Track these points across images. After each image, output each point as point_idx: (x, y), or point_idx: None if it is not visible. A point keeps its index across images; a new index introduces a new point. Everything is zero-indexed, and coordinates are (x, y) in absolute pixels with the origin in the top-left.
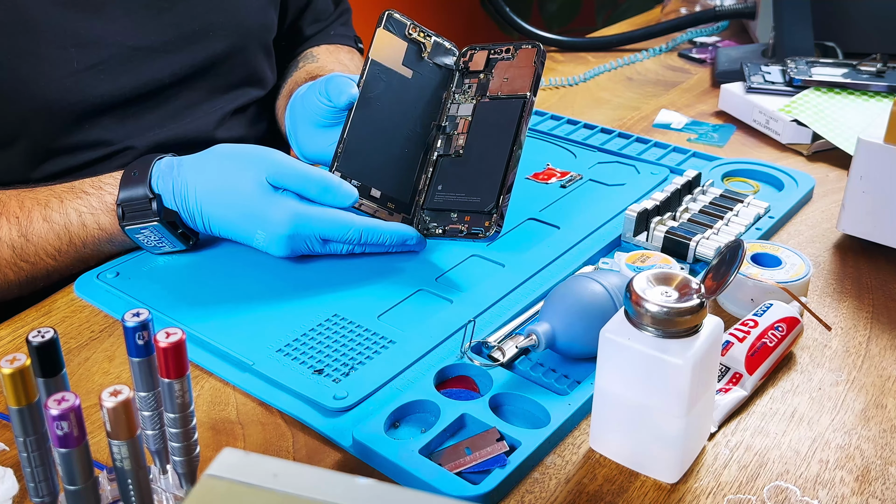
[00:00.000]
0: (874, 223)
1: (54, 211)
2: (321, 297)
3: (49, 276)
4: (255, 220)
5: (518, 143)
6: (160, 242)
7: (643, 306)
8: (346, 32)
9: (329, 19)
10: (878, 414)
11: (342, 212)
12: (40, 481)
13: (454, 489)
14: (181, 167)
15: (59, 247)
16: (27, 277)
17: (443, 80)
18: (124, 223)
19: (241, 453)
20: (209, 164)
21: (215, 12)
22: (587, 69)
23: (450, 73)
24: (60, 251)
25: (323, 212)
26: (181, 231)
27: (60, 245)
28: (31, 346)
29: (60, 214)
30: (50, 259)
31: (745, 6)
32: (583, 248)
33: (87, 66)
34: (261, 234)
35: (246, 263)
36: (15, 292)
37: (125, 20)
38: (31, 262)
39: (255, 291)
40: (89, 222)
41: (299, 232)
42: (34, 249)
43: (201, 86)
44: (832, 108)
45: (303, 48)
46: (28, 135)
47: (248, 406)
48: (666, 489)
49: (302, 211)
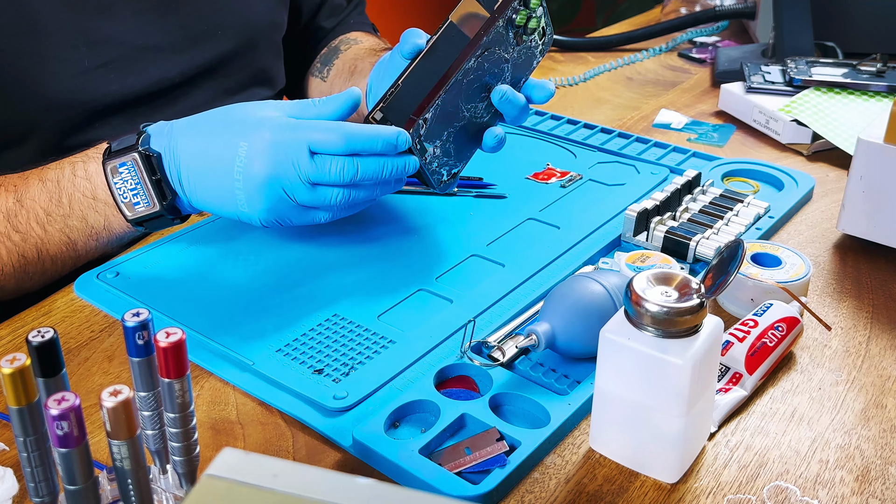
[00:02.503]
0: (874, 223)
1: (51, 169)
2: (321, 297)
3: (41, 259)
4: (239, 135)
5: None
6: (136, 192)
7: (643, 306)
8: (363, 20)
9: (345, 12)
10: (878, 414)
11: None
12: (40, 481)
13: (454, 489)
14: (178, 121)
15: (48, 208)
16: (19, 258)
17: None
18: (107, 159)
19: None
20: (206, 115)
21: (224, 12)
22: (587, 69)
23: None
24: (49, 214)
25: (309, 120)
26: (157, 178)
27: (49, 206)
28: (31, 346)
29: (55, 171)
30: (39, 227)
31: (745, 6)
32: (583, 248)
33: (97, 65)
34: (243, 147)
35: (246, 263)
36: (10, 284)
37: (134, 20)
38: (21, 233)
39: (255, 292)
40: (79, 171)
41: (283, 135)
42: (26, 216)
43: (210, 85)
44: (832, 108)
45: (326, 41)
46: (38, 134)
47: (248, 406)
48: (666, 489)
49: (287, 119)
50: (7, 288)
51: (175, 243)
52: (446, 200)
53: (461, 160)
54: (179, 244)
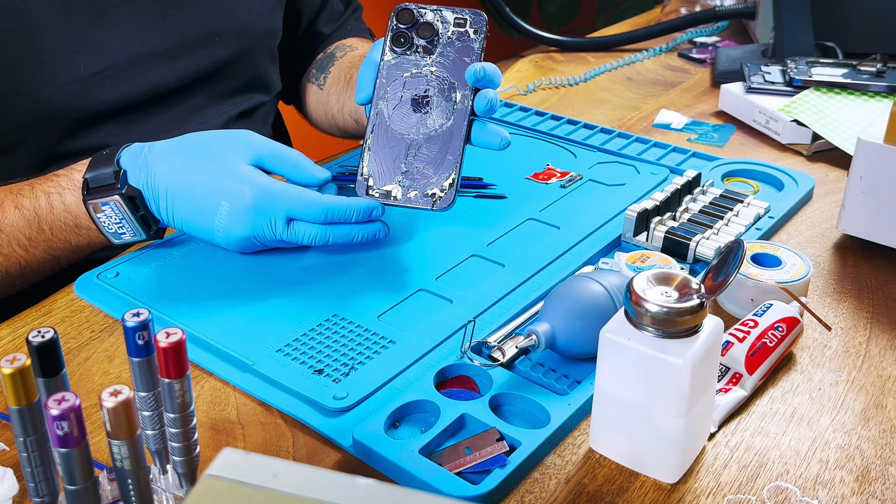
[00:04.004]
0: (874, 223)
1: (25, 197)
2: (321, 297)
3: (23, 273)
4: (219, 193)
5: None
6: (121, 226)
7: (643, 306)
8: (361, 26)
9: (343, 17)
10: (878, 414)
11: (309, 190)
12: (40, 481)
13: (454, 489)
14: (151, 148)
15: (30, 234)
16: (2, 274)
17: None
18: (87, 197)
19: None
20: (179, 145)
21: (220, 17)
22: (587, 69)
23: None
24: (31, 239)
25: (290, 186)
26: (142, 213)
27: (30, 232)
28: (31, 346)
29: (31, 199)
30: (21, 249)
31: (745, 6)
32: (583, 248)
33: (93, 72)
34: (224, 207)
35: (246, 264)
36: None
37: (130, 26)
38: (4, 255)
39: (255, 291)
40: (56, 203)
41: (265, 201)
42: (6, 239)
43: (206, 91)
44: (832, 109)
45: (323, 46)
46: (32, 140)
47: (248, 406)
48: (666, 489)
49: (268, 182)
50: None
51: (175, 243)
52: None
53: (447, 169)
54: (179, 244)
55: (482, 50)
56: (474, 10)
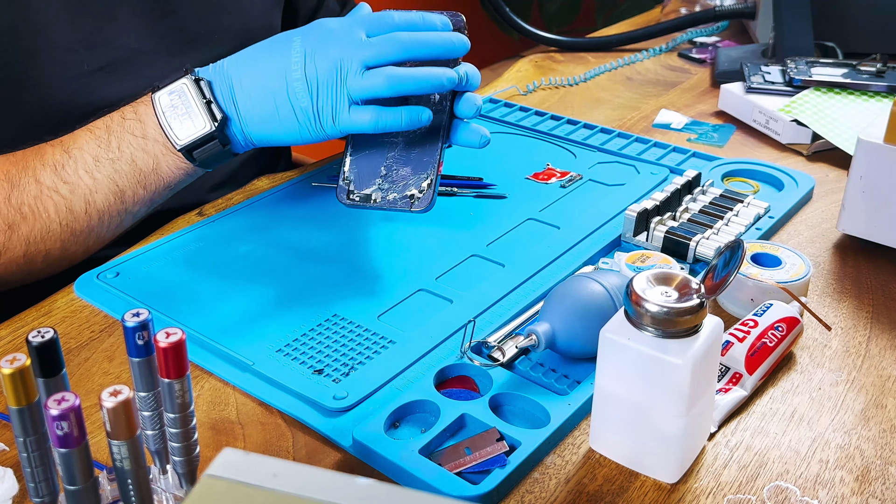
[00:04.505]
0: (874, 223)
1: (100, 119)
2: (321, 297)
3: (87, 210)
4: (290, 37)
5: None
6: (185, 116)
7: (643, 306)
8: None
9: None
10: (878, 414)
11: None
12: (40, 481)
13: (454, 489)
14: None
15: (97, 154)
16: (66, 212)
17: None
18: (155, 90)
19: (241, 453)
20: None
21: (220, 15)
22: (587, 69)
23: None
24: (98, 160)
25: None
26: (208, 100)
27: (98, 151)
28: (31, 346)
29: (105, 119)
30: (87, 175)
31: (745, 6)
32: (583, 248)
33: (96, 68)
34: (297, 40)
35: (246, 263)
36: (56, 246)
37: (133, 23)
38: (69, 184)
39: (255, 291)
40: (128, 114)
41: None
42: (74, 165)
43: None
44: (832, 108)
45: None
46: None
47: (248, 406)
48: (666, 489)
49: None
50: (53, 253)
51: (175, 243)
52: (446, 200)
53: (424, 170)
54: (179, 244)
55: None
56: (452, 12)
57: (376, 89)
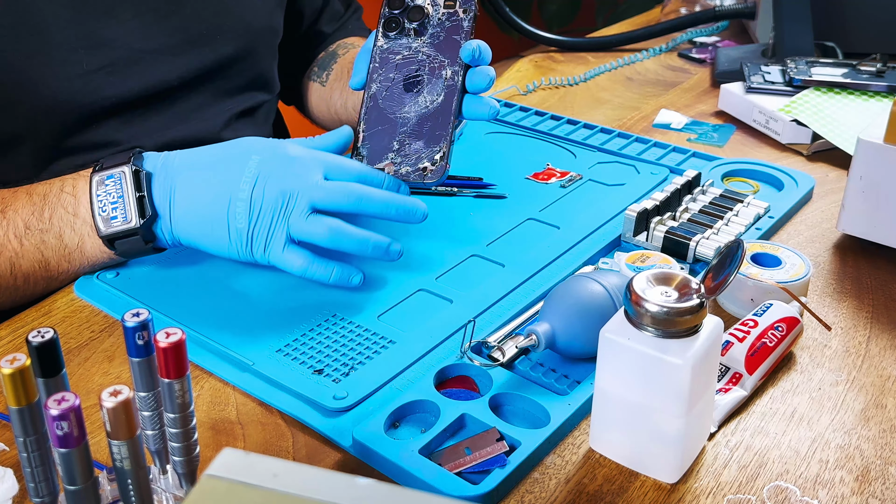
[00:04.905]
0: (874, 223)
1: (43, 184)
2: (321, 297)
3: (12, 272)
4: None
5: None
6: (116, 206)
7: (643, 306)
8: (361, 26)
9: (343, 18)
10: (878, 414)
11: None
12: (40, 481)
13: (454, 489)
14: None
15: (28, 221)
16: None
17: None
18: (96, 169)
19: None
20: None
21: (223, 15)
22: (587, 69)
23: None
24: (28, 227)
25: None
26: (141, 195)
27: (30, 219)
28: (30, 346)
29: (46, 185)
30: (15, 240)
31: (745, 6)
32: (583, 248)
33: (97, 67)
34: (254, 159)
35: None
36: None
37: (134, 22)
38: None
39: (256, 291)
40: (67, 187)
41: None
42: (5, 227)
43: (208, 88)
44: (832, 108)
45: (324, 45)
46: (36, 135)
47: (248, 406)
48: (666, 489)
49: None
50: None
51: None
52: (446, 200)
53: (437, 143)
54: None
55: (472, 28)
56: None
57: (315, 237)
